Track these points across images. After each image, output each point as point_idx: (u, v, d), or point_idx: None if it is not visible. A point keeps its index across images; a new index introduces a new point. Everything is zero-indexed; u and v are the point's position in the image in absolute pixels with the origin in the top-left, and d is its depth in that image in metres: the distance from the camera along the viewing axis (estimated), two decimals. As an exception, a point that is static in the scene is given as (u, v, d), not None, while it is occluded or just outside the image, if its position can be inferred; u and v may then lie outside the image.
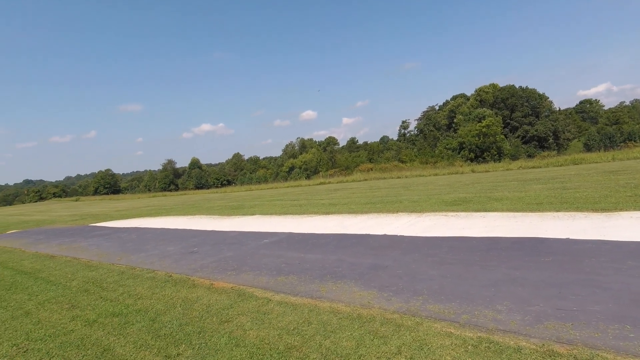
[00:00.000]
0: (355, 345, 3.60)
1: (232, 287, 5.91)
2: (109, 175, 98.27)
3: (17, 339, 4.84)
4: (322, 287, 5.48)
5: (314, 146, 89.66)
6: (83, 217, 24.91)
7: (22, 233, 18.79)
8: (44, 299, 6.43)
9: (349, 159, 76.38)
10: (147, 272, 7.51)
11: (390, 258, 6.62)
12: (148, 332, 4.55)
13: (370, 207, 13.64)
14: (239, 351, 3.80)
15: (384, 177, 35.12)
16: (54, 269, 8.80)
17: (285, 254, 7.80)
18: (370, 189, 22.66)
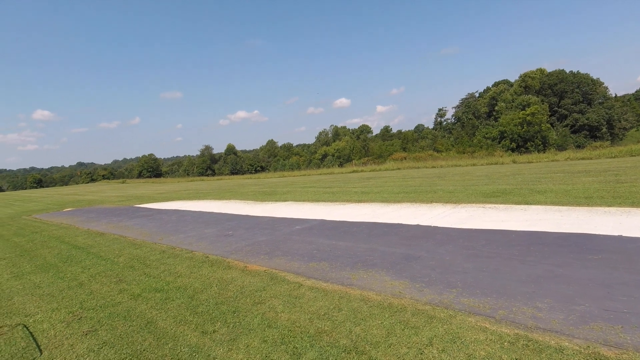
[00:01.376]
0: (385, 334, 3.59)
1: (265, 271, 6.08)
2: (152, 159, 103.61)
3: (72, 307, 5.30)
4: (353, 275, 5.50)
5: (347, 134, 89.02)
6: (128, 199, 26.56)
7: (76, 211, 20.39)
8: (95, 272, 6.98)
9: (382, 147, 75.14)
10: (186, 252, 7.90)
11: (423, 249, 6.50)
12: (187, 309, 4.81)
13: (404, 196, 13.40)
14: (271, 332, 3.92)
15: (418, 166, 34.23)
16: (104, 246, 9.49)
17: (317, 241, 7.88)
18: (404, 178, 22.21)
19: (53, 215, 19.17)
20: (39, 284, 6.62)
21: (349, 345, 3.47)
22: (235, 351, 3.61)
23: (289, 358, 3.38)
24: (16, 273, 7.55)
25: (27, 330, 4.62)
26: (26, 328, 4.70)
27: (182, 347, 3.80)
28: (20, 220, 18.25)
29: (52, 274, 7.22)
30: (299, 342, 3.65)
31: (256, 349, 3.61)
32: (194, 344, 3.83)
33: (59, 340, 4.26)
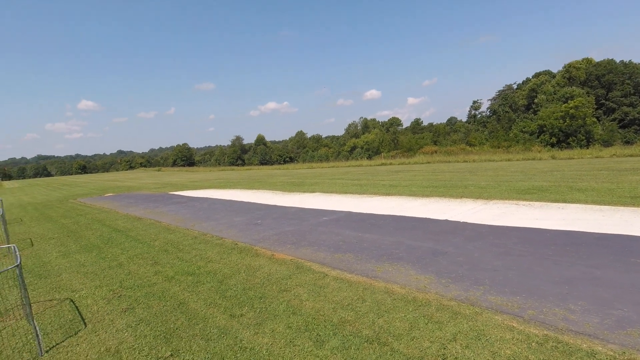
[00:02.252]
0: (408, 327, 3.60)
1: (292, 260, 6.22)
2: (186, 149, 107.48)
3: (113, 285, 5.70)
4: (378, 267, 5.51)
5: (376, 126, 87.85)
6: (164, 186, 27.79)
7: (116, 196, 21.64)
8: (133, 254, 7.43)
9: (412, 140, 73.54)
10: (216, 239, 8.22)
11: (451, 244, 6.38)
12: (216, 292, 5.03)
13: (432, 190, 13.13)
14: (296, 319, 4.03)
15: (449, 160, 33.28)
16: (141, 230, 10.05)
17: (343, 232, 7.93)
18: (434, 172, 21.70)
19: (96, 200, 20.45)
20: (84, 262, 7.15)
21: (371, 336, 3.51)
22: (261, 335, 3.75)
23: (312, 345, 3.47)
24: (64, 252, 8.17)
25: (74, 305, 5.02)
26: (72, 302, 5.11)
27: (211, 329, 3.99)
28: (67, 204, 19.63)
29: (95, 254, 7.76)
30: (323, 330, 3.74)
31: (281, 334, 3.74)
32: (223, 326, 4.02)
33: (101, 315, 4.60)
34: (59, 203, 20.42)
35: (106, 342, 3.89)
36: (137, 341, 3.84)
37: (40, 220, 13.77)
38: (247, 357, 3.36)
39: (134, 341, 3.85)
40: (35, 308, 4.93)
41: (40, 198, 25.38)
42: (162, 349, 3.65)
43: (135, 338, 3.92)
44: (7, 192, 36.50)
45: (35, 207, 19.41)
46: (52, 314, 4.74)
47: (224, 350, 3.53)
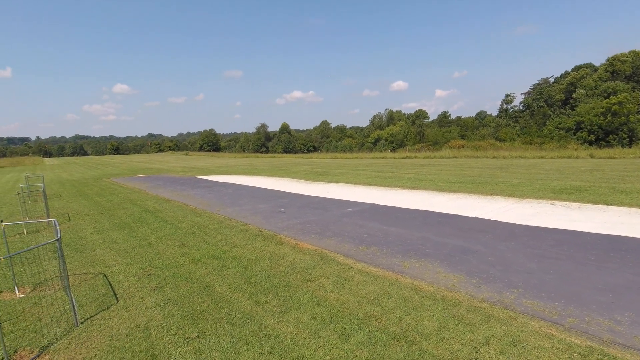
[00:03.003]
0: (437, 327, 3.48)
1: (316, 250, 6.19)
2: (212, 134, 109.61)
3: (143, 263, 5.87)
4: (404, 263, 5.38)
5: (402, 118, 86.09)
6: (191, 170, 28.49)
7: (146, 178, 22.39)
8: (162, 235, 7.64)
9: (438, 134, 71.65)
10: (241, 225, 8.31)
11: (480, 243, 6.14)
12: (241, 278, 5.08)
13: (460, 186, 12.72)
14: (320, 310, 4.00)
15: (477, 155, 32.16)
16: (169, 211, 10.33)
17: (368, 225, 7.82)
18: (461, 167, 21.04)
19: (127, 180, 21.24)
20: (116, 239, 7.42)
21: (399, 333, 3.42)
22: (286, 324, 3.74)
23: (337, 337, 3.43)
24: (98, 228, 8.52)
25: (106, 279, 5.21)
26: (105, 277, 5.31)
27: (236, 313, 4.03)
28: (101, 182, 20.50)
29: (126, 232, 8.04)
30: (348, 323, 3.68)
31: (305, 324, 3.71)
32: (248, 312, 4.04)
33: (132, 292, 4.75)
34: (94, 181, 21.35)
35: (136, 318, 4.01)
36: (166, 320, 3.93)
37: (77, 197, 14.45)
38: (271, 345, 3.36)
39: (162, 320, 3.94)
40: (72, 280, 5.15)
41: (77, 176, 26.65)
42: (189, 329, 3.72)
43: (164, 317, 4.01)
44: (47, 169, 38.58)
45: (73, 184, 20.39)
46: (87, 287, 4.94)
47: (248, 335, 3.55)
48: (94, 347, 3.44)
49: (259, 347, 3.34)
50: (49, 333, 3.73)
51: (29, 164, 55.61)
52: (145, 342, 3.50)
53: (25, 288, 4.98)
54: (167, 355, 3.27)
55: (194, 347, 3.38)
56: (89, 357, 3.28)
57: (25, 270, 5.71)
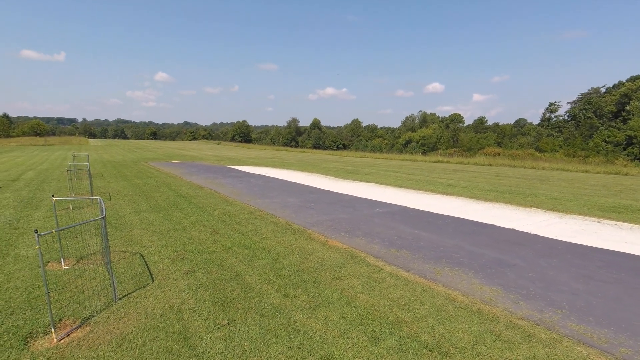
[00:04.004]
0: (473, 341, 3.33)
1: (345, 248, 6.13)
2: (244, 126, 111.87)
3: (177, 247, 6.05)
4: (436, 270, 5.21)
5: (435, 121, 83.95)
6: (222, 159, 29.20)
7: (181, 164, 23.18)
8: (194, 220, 7.85)
9: (473, 139, 69.25)
10: (271, 217, 8.39)
11: (519, 257, 5.84)
12: (271, 270, 5.11)
13: (497, 195, 12.19)
14: (350, 310, 3.94)
15: (514, 164, 30.72)
16: (202, 198, 10.61)
17: (398, 227, 7.65)
18: (497, 175, 20.19)
19: (163, 165, 22.08)
20: (152, 221, 7.71)
21: (431, 343, 3.30)
22: (315, 320, 3.72)
23: (367, 340, 3.36)
24: (136, 209, 8.90)
25: (143, 259, 5.42)
26: (142, 257, 5.52)
27: (266, 305, 4.05)
28: (139, 165, 21.45)
29: (162, 215, 8.34)
30: (378, 326, 3.61)
31: (334, 323, 3.67)
32: (277, 305, 4.05)
33: (166, 273, 4.90)
34: (133, 164, 22.37)
35: (170, 299, 4.13)
36: (197, 304, 4.02)
37: (117, 178, 15.19)
38: (300, 340, 3.35)
39: (194, 304, 4.04)
40: (112, 257, 5.38)
41: (118, 158, 28.04)
42: (220, 316, 3.78)
43: (196, 301, 4.10)
44: (91, 150, 40.90)
45: (114, 165, 21.46)
46: (125, 265, 5.15)
47: (277, 328, 3.55)
48: (130, 324, 3.57)
49: (287, 341, 3.34)
50: (90, 305, 3.92)
51: (76, 143, 59.16)
52: (178, 324, 3.59)
53: (70, 260, 5.27)
54: (198, 339, 3.34)
55: (224, 334, 3.42)
56: (126, 333, 3.41)
57: (70, 244, 6.05)
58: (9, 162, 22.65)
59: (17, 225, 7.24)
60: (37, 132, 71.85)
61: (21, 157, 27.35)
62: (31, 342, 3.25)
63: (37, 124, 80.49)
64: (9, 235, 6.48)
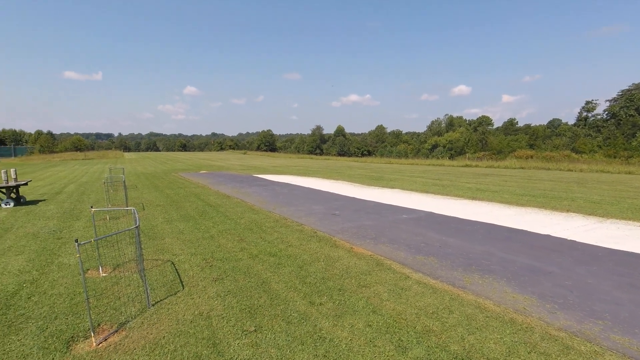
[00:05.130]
0: (505, 352, 3.20)
1: (371, 255, 6.07)
2: (269, 135, 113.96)
3: (205, 254, 6.23)
4: (465, 277, 5.06)
5: (463, 125, 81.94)
6: (248, 168, 29.83)
7: (209, 174, 23.90)
8: (222, 229, 8.05)
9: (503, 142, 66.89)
10: (296, 225, 8.46)
11: (555, 264, 5.56)
12: (296, 277, 5.15)
13: (529, 199, 11.69)
14: (376, 318, 3.90)
15: (549, 167, 29.34)
16: (229, 207, 10.88)
17: (425, 233, 7.50)
18: (529, 179, 19.37)
19: (192, 175, 22.85)
20: (182, 230, 7.98)
21: (461, 353, 3.20)
22: (340, 328, 3.70)
23: (393, 349, 3.31)
24: (167, 219, 9.25)
25: (174, 267, 5.62)
26: (173, 265, 5.72)
27: (292, 312, 4.08)
28: (170, 176, 22.31)
29: (191, 224, 8.62)
30: (405, 335, 3.54)
31: (360, 331, 3.64)
32: (303, 312, 4.08)
33: (196, 280, 5.05)
34: (164, 175, 23.30)
35: (199, 306, 4.25)
36: (225, 311, 4.11)
37: (150, 189, 15.87)
38: (326, 348, 3.34)
39: (222, 310, 4.13)
40: (145, 265, 5.62)
41: (150, 169, 29.31)
42: (247, 322, 3.84)
43: (224, 308, 4.20)
44: (126, 162, 43.00)
45: (147, 176, 22.45)
46: (157, 272, 5.36)
47: (303, 336, 3.57)
48: (162, 329, 3.71)
49: (313, 348, 3.34)
50: (126, 311, 4.11)
51: (112, 157, 62.37)
52: (207, 330, 3.69)
53: (107, 268, 5.55)
54: (226, 345, 3.41)
55: (251, 341, 3.48)
56: (159, 338, 3.54)
57: (107, 253, 6.38)
58: (52, 176, 24.22)
59: (61, 235, 7.71)
60: (77, 148, 76.49)
61: (64, 171, 29.17)
62: (73, 346, 3.44)
63: (78, 139, 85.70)
64: (53, 245, 6.92)
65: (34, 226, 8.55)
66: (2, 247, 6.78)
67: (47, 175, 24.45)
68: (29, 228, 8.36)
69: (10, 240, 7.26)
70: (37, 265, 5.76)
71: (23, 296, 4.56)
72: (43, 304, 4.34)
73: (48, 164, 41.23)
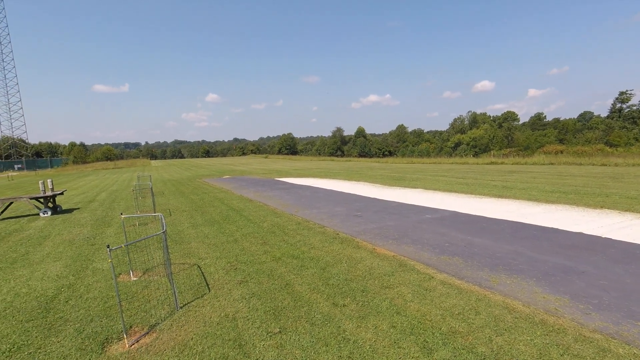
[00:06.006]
0: (536, 354, 3.09)
1: (394, 256, 6.02)
2: (290, 138, 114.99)
3: (230, 258, 6.37)
4: (492, 278, 4.92)
5: (487, 121, 79.63)
6: (270, 172, 30.20)
7: (231, 179, 24.38)
8: (245, 232, 8.20)
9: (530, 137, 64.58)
10: (318, 227, 8.50)
11: (589, 263, 5.31)
12: (319, 279, 5.17)
13: (560, 196, 11.21)
14: (400, 319, 3.86)
15: (581, 162, 28.01)
16: (252, 211, 11.06)
17: (449, 233, 7.35)
18: (560, 175, 18.56)
19: (216, 180, 23.38)
20: (207, 234, 8.19)
21: (489, 355, 3.12)
22: (364, 329, 3.69)
23: (418, 350, 3.27)
24: (193, 223, 9.52)
25: (200, 270, 5.77)
26: (199, 268, 5.88)
27: (315, 314, 4.11)
28: (195, 182, 22.93)
29: (216, 228, 8.83)
30: (430, 336, 3.49)
31: (385, 332, 3.62)
32: (326, 313, 4.09)
33: (221, 283, 5.17)
34: (189, 181, 23.97)
35: (225, 308, 4.35)
36: (250, 313, 4.19)
37: (175, 195, 16.37)
38: (350, 350, 3.34)
39: (247, 312, 4.21)
40: (173, 268, 5.81)
41: (176, 176, 30.23)
42: (272, 324, 3.90)
43: (249, 310, 4.28)
44: (153, 170, 44.55)
45: (173, 183, 23.17)
46: (184, 276, 5.53)
47: (327, 337, 3.58)
48: (190, 331, 3.82)
49: (337, 350, 3.35)
50: (156, 314, 4.26)
51: (140, 165, 64.78)
52: (233, 332, 3.77)
53: (137, 272, 5.78)
54: (252, 346, 3.48)
55: (276, 342, 3.53)
56: (187, 339, 3.65)
57: (137, 257, 6.63)
58: (85, 185, 25.43)
59: (94, 241, 8.09)
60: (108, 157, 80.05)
61: (95, 180, 30.57)
62: (107, 347, 3.61)
63: (108, 149, 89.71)
64: (87, 251, 7.28)
65: (69, 233, 9.02)
66: (42, 254, 7.19)
67: (81, 185, 25.70)
68: (65, 235, 8.82)
69: (49, 247, 7.69)
70: (73, 270, 6.08)
71: (61, 300, 4.82)
72: (79, 307, 4.57)
73: (81, 174, 43.31)
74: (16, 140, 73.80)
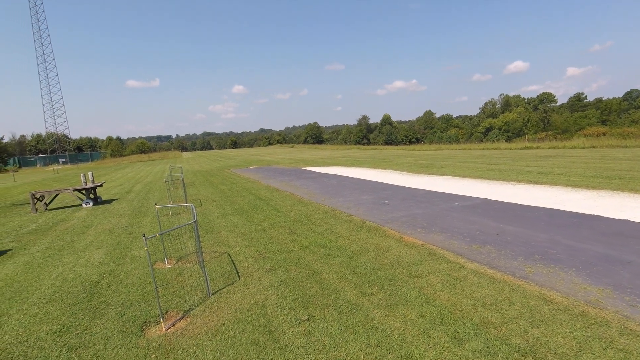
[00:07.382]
0: (576, 347, 2.95)
1: (422, 245, 5.91)
2: (315, 127, 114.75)
3: (258, 247, 6.50)
4: (527, 267, 4.72)
5: (521, 104, 75.76)
6: (296, 161, 30.40)
7: (258, 169, 24.78)
8: (273, 222, 8.33)
9: (569, 120, 60.86)
10: (345, 215, 8.48)
11: (635, 252, 4.98)
12: (347, 267, 5.18)
13: (602, 182, 10.53)
14: (429, 309, 3.80)
15: (626, 145, 26.10)
16: (279, 200, 11.21)
17: (480, 221, 7.12)
18: (602, 159, 17.41)
19: (243, 171, 23.85)
20: (237, 224, 8.39)
21: (524, 348, 3.01)
22: (392, 318, 3.67)
23: (449, 340, 3.21)
24: (222, 213, 9.79)
25: (230, 258, 5.94)
26: (229, 256, 6.05)
27: (343, 302, 4.13)
28: (223, 172, 23.51)
29: (244, 217, 9.03)
30: (461, 327, 3.41)
31: (414, 321, 3.58)
32: (354, 302, 4.10)
33: (250, 271, 5.30)
34: (218, 172, 24.60)
35: (255, 295, 4.46)
36: (279, 300, 4.27)
37: (205, 185, 16.88)
38: (378, 338, 3.34)
39: (276, 300, 4.30)
40: (204, 256, 6.02)
41: (205, 167, 31.12)
42: (300, 312, 3.96)
43: (278, 297, 4.36)
44: (184, 162, 46.10)
45: (202, 174, 23.88)
46: (216, 264, 5.71)
47: (355, 325, 3.59)
48: (222, 317, 3.96)
49: (365, 338, 3.36)
50: (189, 300, 4.44)
51: (172, 157, 67.16)
52: (263, 318, 3.86)
53: (172, 260, 6.03)
54: (281, 333, 3.55)
55: (305, 329, 3.58)
56: (219, 325, 3.78)
57: (171, 245, 6.92)
58: (122, 177, 26.72)
59: (132, 230, 8.52)
60: (142, 150, 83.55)
61: (131, 172, 32.04)
62: (146, 330, 3.81)
63: (142, 143, 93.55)
64: (126, 240, 7.67)
65: (109, 223, 9.54)
66: (85, 242, 7.67)
67: (118, 177, 27.04)
68: (105, 225, 9.34)
69: (91, 236, 8.18)
70: (113, 257, 6.44)
71: (104, 285, 5.13)
72: (120, 292, 4.84)
73: (118, 167, 45.55)
74: (60, 136, 78.50)
